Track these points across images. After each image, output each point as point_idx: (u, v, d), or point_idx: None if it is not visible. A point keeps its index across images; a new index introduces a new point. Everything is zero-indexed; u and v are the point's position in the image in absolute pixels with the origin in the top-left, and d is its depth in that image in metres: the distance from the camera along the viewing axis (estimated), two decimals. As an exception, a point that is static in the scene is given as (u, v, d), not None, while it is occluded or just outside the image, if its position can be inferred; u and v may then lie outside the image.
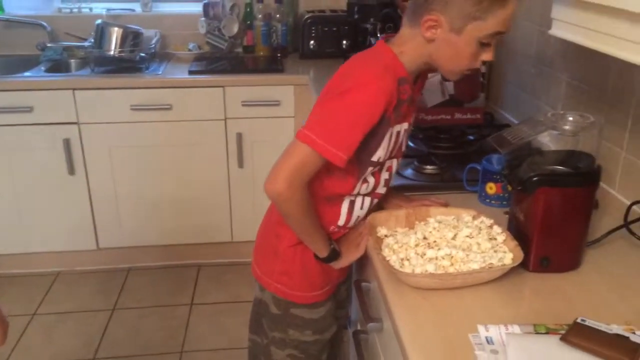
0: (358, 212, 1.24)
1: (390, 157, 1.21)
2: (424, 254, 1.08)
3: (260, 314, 1.38)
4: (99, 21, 2.64)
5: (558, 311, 0.98)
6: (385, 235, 1.19)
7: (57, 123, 2.48)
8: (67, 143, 2.50)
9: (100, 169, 2.58)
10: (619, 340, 0.86)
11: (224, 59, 2.84)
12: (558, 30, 1.14)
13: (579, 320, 0.90)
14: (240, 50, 2.97)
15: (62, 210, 2.63)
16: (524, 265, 1.08)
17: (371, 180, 1.21)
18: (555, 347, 0.87)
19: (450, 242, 1.12)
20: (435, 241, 1.12)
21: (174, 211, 2.70)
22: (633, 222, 1.19)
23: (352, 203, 1.22)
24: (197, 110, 2.54)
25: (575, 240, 1.11)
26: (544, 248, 1.08)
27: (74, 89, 2.45)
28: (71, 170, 2.55)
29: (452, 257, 1.06)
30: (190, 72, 2.58)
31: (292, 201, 1.08)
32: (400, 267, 1.06)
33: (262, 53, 2.92)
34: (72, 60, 2.84)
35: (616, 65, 1.41)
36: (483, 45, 1.05)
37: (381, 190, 1.25)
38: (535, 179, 1.06)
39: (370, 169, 1.17)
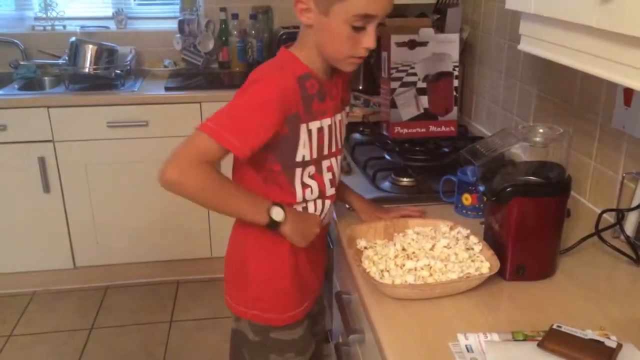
0: None
1: (324, 157, 1.21)
2: (403, 265, 1.10)
3: (239, 344, 1.35)
4: (73, 38, 2.63)
5: (535, 318, 1.01)
6: (365, 247, 1.20)
7: (31, 141, 2.46)
8: (42, 161, 2.48)
9: (76, 187, 2.56)
10: (594, 345, 0.88)
11: (199, 75, 2.84)
12: (526, 46, 1.18)
13: (555, 327, 0.93)
14: (216, 66, 2.98)
15: (38, 229, 2.60)
16: (500, 274, 1.11)
17: (312, 183, 1.20)
18: (533, 354, 0.89)
19: (428, 252, 1.14)
20: (414, 252, 1.14)
21: (151, 228, 2.68)
22: (604, 229, 1.23)
23: (304, 210, 1.22)
24: (174, 126, 2.53)
25: (549, 249, 1.14)
26: (519, 257, 1.11)
27: (48, 107, 2.43)
28: (46, 189, 2.52)
29: (430, 267, 1.08)
30: (167, 89, 2.58)
31: (187, 184, 1.05)
32: (380, 278, 1.08)
33: (238, 69, 2.93)
34: (46, 78, 2.81)
35: (581, 77, 1.46)
36: (357, 29, 1.06)
37: (330, 192, 1.25)
38: (509, 189, 1.09)
39: (299, 170, 1.17)
